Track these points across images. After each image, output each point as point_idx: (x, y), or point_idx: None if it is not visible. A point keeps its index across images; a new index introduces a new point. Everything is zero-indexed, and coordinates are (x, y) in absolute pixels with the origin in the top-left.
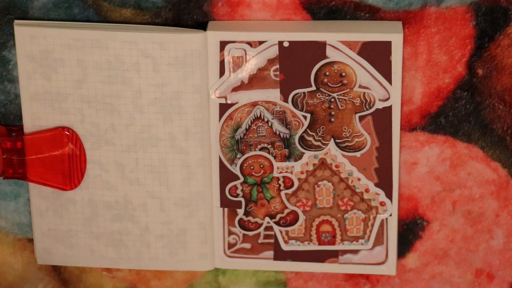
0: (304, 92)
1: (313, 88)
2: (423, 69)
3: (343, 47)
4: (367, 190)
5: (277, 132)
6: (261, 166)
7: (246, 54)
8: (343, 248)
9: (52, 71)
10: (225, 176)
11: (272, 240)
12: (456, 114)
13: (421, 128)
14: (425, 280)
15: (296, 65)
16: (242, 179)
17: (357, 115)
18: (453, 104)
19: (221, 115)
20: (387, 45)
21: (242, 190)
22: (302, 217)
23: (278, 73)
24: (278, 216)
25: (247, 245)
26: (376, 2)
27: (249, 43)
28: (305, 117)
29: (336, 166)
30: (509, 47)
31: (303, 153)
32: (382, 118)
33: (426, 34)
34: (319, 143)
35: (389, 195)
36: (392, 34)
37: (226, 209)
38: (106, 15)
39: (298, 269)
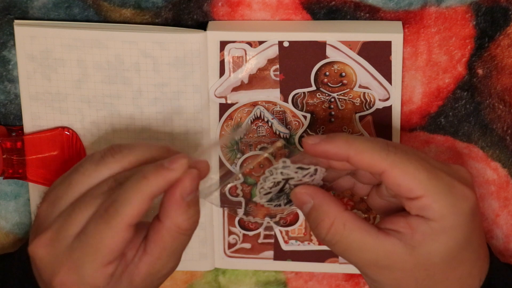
0: (304, 92)
1: (313, 88)
2: (423, 69)
3: (343, 47)
4: None
5: (277, 132)
6: (261, 166)
7: (246, 54)
8: None
9: (52, 71)
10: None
11: (272, 240)
12: (456, 114)
13: (421, 128)
14: None
15: (296, 65)
16: (242, 179)
17: (357, 115)
18: (453, 104)
19: (221, 115)
20: (387, 45)
21: (242, 190)
22: (302, 217)
23: (278, 73)
24: (278, 216)
25: (247, 245)
26: (376, 2)
27: (249, 43)
28: (305, 117)
29: None
30: (509, 47)
31: None
32: (382, 118)
33: (426, 34)
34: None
35: None
36: (392, 34)
37: (226, 209)
38: (106, 15)
39: (298, 269)
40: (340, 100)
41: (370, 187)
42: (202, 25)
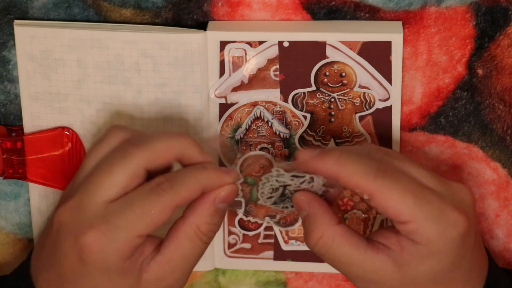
0: (304, 92)
1: (313, 88)
2: (423, 69)
3: (343, 47)
4: None
5: (277, 132)
6: (261, 166)
7: (246, 54)
8: None
9: (52, 71)
10: None
11: (272, 240)
12: (456, 114)
13: (421, 128)
14: None
15: (296, 65)
16: (242, 179)
17: (357, 115)
18: (453, 104)
19: (221, 115)
20: (387, 45)
21: (242, 190)
22: None
23: (278, 73)
24: (278, 216)
25: (247, 245)
26: (376, 2)
27: (249, 43)
28: (305, 117)
29: None
30: (509, 47)
31: None
32: (382, 118)
33: (426, 34)
34: (319, 143)
35: None
36: (392, 34)
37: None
38: (106, 15)
39: (298, 269)
40: (340, 100)
41: None
42: (202, 25)
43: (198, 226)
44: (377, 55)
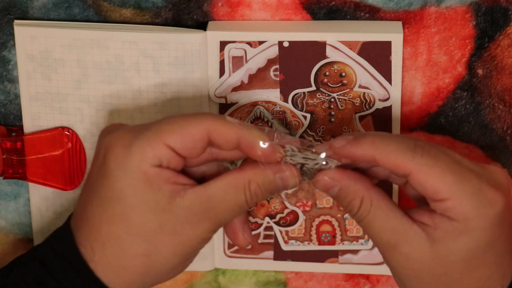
0: (304, 92)
1: (313, 88)
2: (423, 69)
3: (343, 47)
4: None
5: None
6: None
7: (246, 54)
8: (343, 248)
9: (52, 71)
10: None
11: (272, 240)
12: (456, 114)
13: (421, 128)
14: None
15: (296, 65)
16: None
17: (357, 115)
18: (453, 104)
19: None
20: (387, 45)
21: None
22: (302, 217)
23: (278, 73)
24: (278, 216)
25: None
26: (376, 2)
27: (249, 43)
28: (305, 117)
29: None
30: (509, 47)
31: None
32: (382, 118)
33: (426, 34)
34: (319, 143)
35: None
36: (392, 34)
37: None
38: (106, 15)
39: (298, 269)
40: (340, 100)
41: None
42: (202, 25)
43: (250, 180)
44: (377, 55)
